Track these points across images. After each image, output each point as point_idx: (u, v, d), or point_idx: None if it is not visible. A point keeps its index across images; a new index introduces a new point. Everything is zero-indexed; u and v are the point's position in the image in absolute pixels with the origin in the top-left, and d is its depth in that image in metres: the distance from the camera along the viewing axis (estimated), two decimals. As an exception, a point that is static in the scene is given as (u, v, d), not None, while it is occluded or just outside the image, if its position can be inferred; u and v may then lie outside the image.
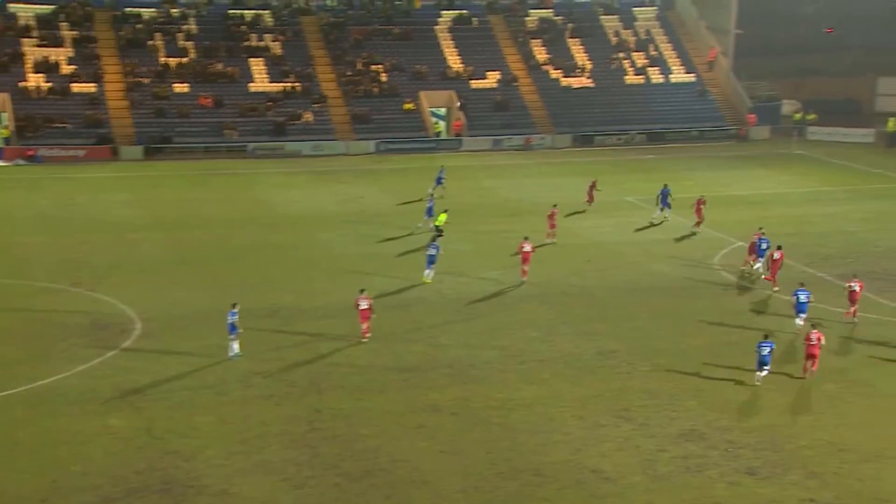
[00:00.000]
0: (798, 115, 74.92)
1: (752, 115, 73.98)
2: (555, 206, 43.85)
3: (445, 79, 73.89)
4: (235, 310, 29.54)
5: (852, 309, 32.99)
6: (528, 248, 37.39)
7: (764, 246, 37.63)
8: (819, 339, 28.16)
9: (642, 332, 32.37)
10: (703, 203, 44.68)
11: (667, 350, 30.57)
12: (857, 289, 32.97)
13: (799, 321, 31.63)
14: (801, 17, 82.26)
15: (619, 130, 71.63)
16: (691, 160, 64.22)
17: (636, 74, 76.25)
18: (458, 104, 71.53)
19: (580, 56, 77.05)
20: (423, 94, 72.00)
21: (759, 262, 37.77)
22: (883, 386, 27.96)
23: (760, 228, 39.20)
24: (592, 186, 49.05)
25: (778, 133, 72.62)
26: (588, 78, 75.38)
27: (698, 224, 44.63)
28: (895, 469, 23.05)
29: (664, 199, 46.25)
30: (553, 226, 42.57)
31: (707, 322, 33.21)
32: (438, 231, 42.22)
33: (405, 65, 74.03)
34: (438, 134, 71.75)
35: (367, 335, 31.28)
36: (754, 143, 71.13)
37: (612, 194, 52.46)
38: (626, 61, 76.95)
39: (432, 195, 48.69)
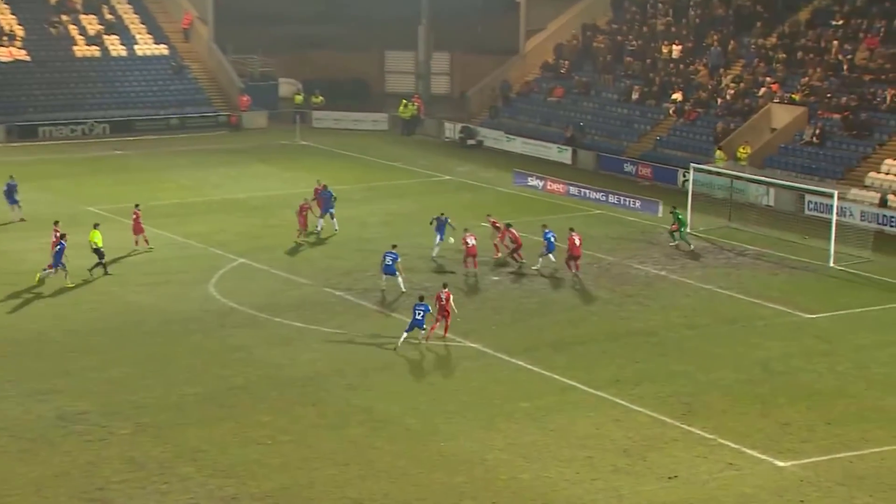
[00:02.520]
0: (300, 98, 78.10)
1: (246, 98, 75.78)
2: (137, 205, 45.72)
3: None
4: None
5: (575, 264, 41.38)
6: (53, 238, 40.91)
7: (471, 241, 42.63)
8: (448, 298, 34.70)
9: (120, 384, 32.10)
10: (309, 209, 47.51)
11: (154, 405, 30.61)
12: (578, 242, 41.35)
13: (383, 283, 39.98)
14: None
15: (73, 119, 70.67)
16: (173, 156, 64.62)
17: (89, 45, 75.21)
18: None
19: (6, 19, 74.60)
20: None
21: (540, 259, 42.70)
22: (411, 423, 29.61)
23: (489, 215, 45.50)
24: (303, 211, 47.56)
25: (277, 119, 75.09)
26: (21, 48, 73.33)
27: (301, 233, 47.25)
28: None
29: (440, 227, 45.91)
30: (140, 230, 45.17)
31: (205, 364, 33.70)
32: (98, 253, 41.73)
33: None
34: None
35: None
36: (250, 132, 72.99)
37: (68, 204, 51.71)
38: (72, 27, 75.64)
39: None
